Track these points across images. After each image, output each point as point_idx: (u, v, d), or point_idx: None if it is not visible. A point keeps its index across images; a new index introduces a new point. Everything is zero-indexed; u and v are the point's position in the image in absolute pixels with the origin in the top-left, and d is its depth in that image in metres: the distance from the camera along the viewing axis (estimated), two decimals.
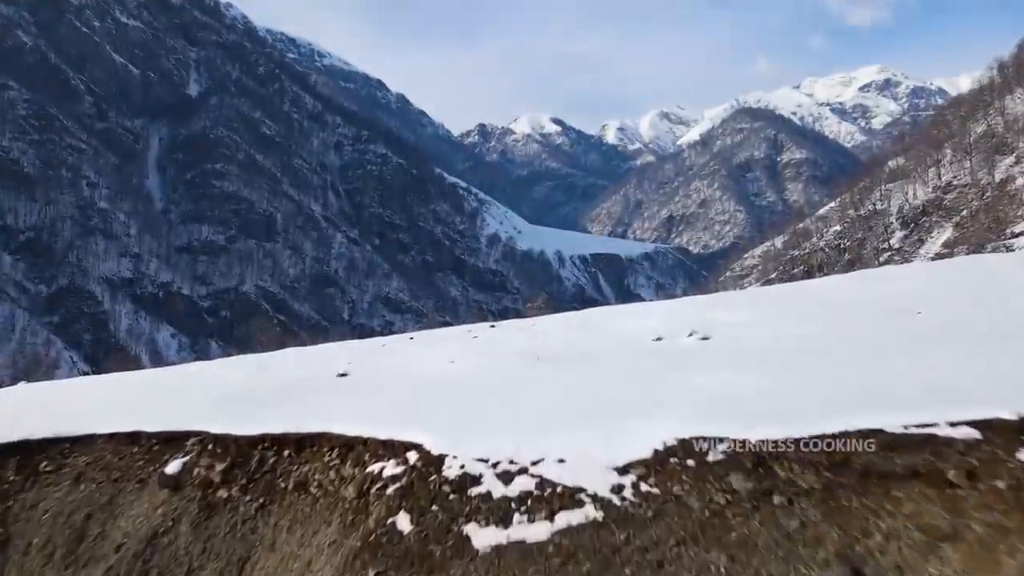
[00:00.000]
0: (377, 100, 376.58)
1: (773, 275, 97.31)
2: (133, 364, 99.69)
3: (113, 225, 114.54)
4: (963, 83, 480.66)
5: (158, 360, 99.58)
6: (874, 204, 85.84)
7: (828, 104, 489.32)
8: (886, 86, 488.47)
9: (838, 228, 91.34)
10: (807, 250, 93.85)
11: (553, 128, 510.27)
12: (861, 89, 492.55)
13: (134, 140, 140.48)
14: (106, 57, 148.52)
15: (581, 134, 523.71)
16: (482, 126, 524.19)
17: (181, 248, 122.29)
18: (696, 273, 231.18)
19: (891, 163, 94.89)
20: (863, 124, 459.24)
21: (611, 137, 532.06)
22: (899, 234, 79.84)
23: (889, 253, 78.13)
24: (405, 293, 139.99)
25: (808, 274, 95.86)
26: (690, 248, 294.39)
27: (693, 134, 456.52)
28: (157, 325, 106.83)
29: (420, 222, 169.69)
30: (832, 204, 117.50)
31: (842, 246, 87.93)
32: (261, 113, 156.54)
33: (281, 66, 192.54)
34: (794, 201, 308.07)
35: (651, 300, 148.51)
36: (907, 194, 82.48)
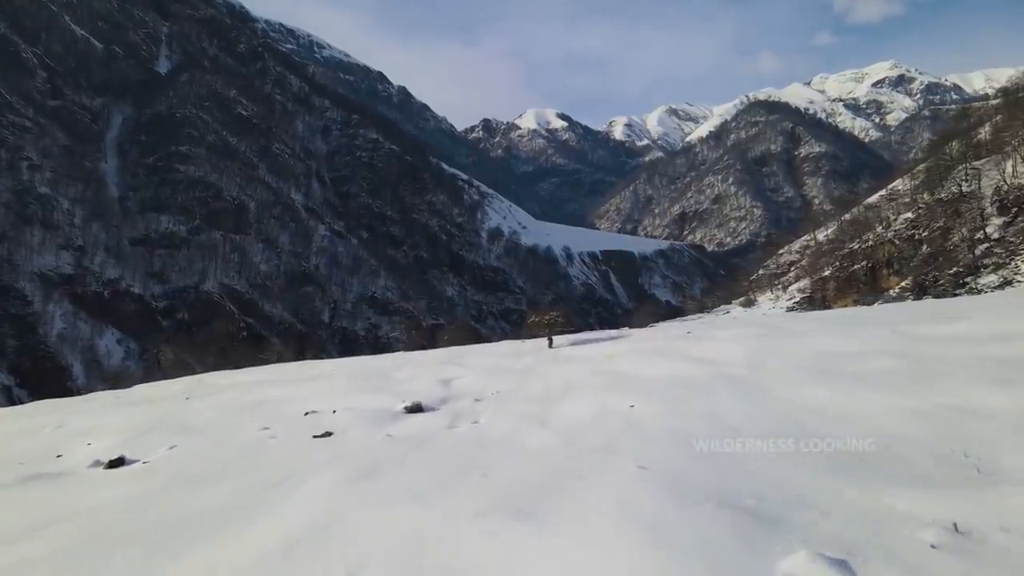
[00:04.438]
0: (378, 93, 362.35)
1: (827, 271, 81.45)
2: (62, 375, 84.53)
3: (54, 213, 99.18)
4: (976, 81, 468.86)
5: (95, 370, 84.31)
6: (959, 185, 69.80)
7: (841, 100, 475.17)
8: (899, 82, 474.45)
9: (910, 216, 75.32)
10: (870, 242, 77.68)
11: (559, 124, 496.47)
12: (874, 85, 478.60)
13: (92, 120, 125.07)
14: (64, 29, 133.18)
15: (588, 130, 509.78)
16: (486, 121, 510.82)
17: (136, 240, 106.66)
18: (713, 272, 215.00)
19: (980, 133, 78.48)
20: (877, 120, 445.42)
21: (618, 133, 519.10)
22: (997, 221, 63.87)
23: (987, 244, 62.24)
24: (394, 292, 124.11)
25: (873, 270, 79.41)
26: (704, 245, 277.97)
27: (703, 130, 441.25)
28: (100, 329, 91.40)
29: (414, 214, 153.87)
30: (882, 192, 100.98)
31: (917, 236, 71.99)
32: (237, 92, 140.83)
33: (265, 45, 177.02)
34: (813, 197, 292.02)
35: (668, 301, 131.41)
36: (1003, 172, 66.44)
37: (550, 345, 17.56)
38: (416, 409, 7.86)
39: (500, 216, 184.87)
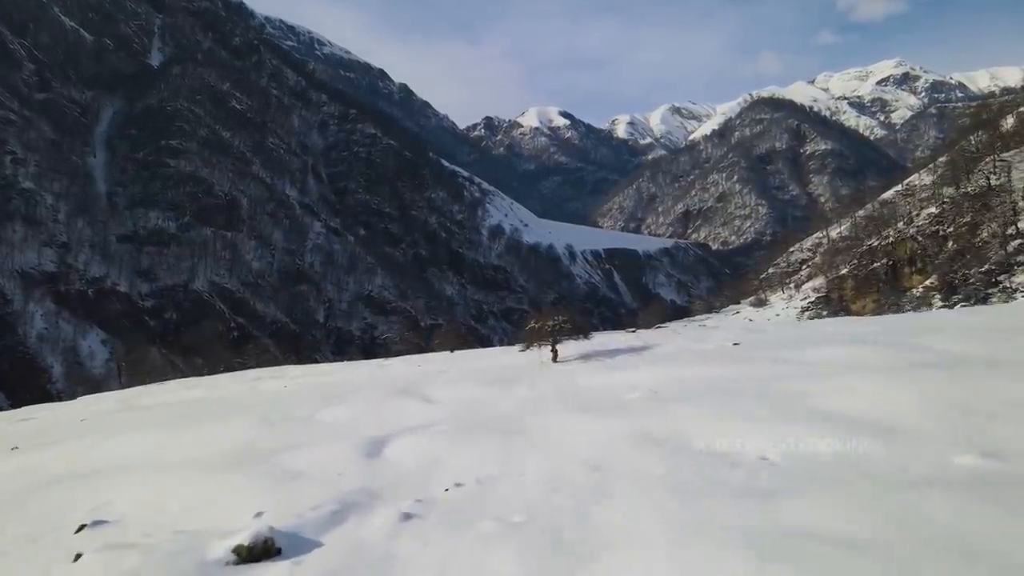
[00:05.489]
0: (379, 90, 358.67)
1: (844, 270, 77.50)
2: (41, 378, 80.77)
3: (38, 209, 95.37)
4: (981, 79, 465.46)
5: (77, 372, 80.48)
6: (987, 178, 65.79)
7: (845, 98, 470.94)
8: (904, 80, 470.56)
9: (934, 210, 71.38)
10: (890, 239, 73.65)
11: (562, 122, 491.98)
12: (879, 83, 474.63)
13: (80, 113, 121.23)
14: (53, 20, 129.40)
15: (591, 128, 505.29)
16: (488, 119, 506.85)
17: (124, 237, 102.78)
18: (719, 271, 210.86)
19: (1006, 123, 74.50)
20: (882, 118, 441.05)
21: (621, 131, 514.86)
22: None
23: (1020, 240, 58.27)
24: (391, 291, 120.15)
25: (894, 268, 75.49)
26: (709, 244, 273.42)
27: (707, 128, 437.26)
28: (83, 329, 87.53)
29: (412, 211, 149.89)
30: (898, 188, 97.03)
31: (941, 232, 67.99)
32: (231, 86, 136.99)
33: (261, 39, 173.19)
34: (819, 195, 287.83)
35: (673, 300, 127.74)
36: None
37: (554, 358, 13.68)
38: (261, 554, 3.94)
39: (501, 214, 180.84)
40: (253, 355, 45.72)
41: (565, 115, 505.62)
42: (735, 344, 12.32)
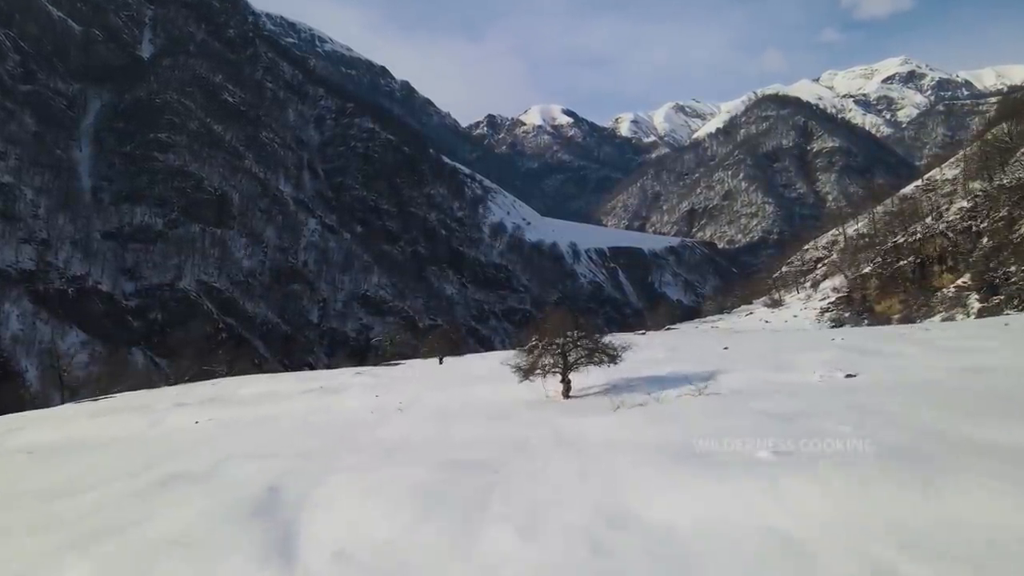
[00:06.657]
0: (380, 87, 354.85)
1: (867, 268, 72.83)
2: (15, 382, 76.40)
3: (17, 204, 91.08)
4: (987, 77, 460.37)
5: (52, 376, 76.09)
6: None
7: (851, 96, 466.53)
8: (910, 78, 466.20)
9: (965, 204, 66.83)
10: (918, 235, 69.02)
11: (565, 120, 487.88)
12: (884, 81, 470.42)
13: (67, 106, 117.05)
14: (40, 10, 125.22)
15: (594, 126, 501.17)
16: (491, 117, 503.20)
17: (108, 234, 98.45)
18: (725, 270, 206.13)
19: None
20: (888, 116, 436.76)
21: (625, 130, 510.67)
22: None
23: None
24: (388, 290, 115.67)
25: (922, 266, 70.41)
26: (715, 243, 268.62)
27: (711, 125, 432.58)
28: (61, 330, 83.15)
29: (411, 208, 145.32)
30: (917, 183, 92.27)
31: (974, 228, 63.43)
32: (224, 78, 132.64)
33: (256, 30, 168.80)
34: (826, 193, 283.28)
35: (680, 300, 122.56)
36: None
37: (566, 392, 9.06)
38: None
39: (503, 211, 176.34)
40: (224, 361, 41.34)
41: (568, 113, 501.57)
42: (848, 376, 7.84)
